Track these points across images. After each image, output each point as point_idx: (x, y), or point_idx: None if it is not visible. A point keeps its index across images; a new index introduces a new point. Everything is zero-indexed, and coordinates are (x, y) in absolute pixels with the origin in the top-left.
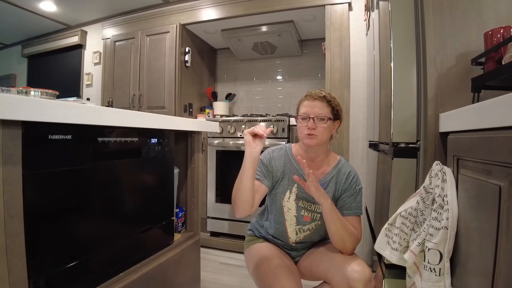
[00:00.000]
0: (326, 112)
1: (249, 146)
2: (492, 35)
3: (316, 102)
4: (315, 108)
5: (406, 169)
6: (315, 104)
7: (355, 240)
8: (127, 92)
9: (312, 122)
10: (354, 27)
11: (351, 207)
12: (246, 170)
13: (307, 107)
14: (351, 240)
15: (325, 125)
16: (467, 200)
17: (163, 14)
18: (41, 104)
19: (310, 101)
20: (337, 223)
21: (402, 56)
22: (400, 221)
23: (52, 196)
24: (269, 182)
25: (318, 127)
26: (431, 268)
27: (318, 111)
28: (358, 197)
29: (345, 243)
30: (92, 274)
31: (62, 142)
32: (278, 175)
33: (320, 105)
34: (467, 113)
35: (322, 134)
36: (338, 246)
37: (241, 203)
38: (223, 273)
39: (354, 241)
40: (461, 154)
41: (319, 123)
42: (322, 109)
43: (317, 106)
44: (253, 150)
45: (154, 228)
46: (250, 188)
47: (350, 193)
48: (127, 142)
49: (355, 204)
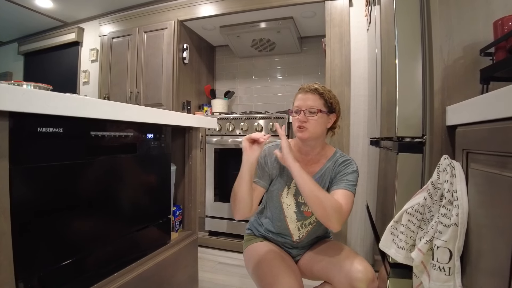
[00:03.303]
0: (318, 104)
1: (246, 152)
2: (502, 23)
3: (308, 95)
4: (307, 101)
5: (412, 165)
6: (307, 97)
7: (338, 208)
8: (124, 90)
9: (302, 115)
10: (354, 23)
11: (342, 183)
12: (244, 175)
13: (300, 100)
14: (332, 207)
15: (315, 118)
16: (477, 195)
17: (161, 10)
18: (30, 94)
19: (302, 94)
20: (310, 184)
21: (407, 47)
22: (406, 218)
23: (41, 192)
24: (265, 182)
25: (309, 120)
26: (440, 267)
27: (310, 103)
28: (349, 176)
29: (326, 209)
30: (85, 274)
31: (53, 136)
32: (274, 172)
33: (312, 97)
34: (478, 104)
35: (314, 127)
36: (319, 214)
37: (240, 207)
38: (221, 273)
39: (336, 210)
40: (471, 147)
41: (310, 116)
42: (314, 101)
43: (309, 98)
44: (250, 156)
45: (150, 227)
46: (248, 192)
47: (343, 172)
48: (121, 136)
49: (347, 180)
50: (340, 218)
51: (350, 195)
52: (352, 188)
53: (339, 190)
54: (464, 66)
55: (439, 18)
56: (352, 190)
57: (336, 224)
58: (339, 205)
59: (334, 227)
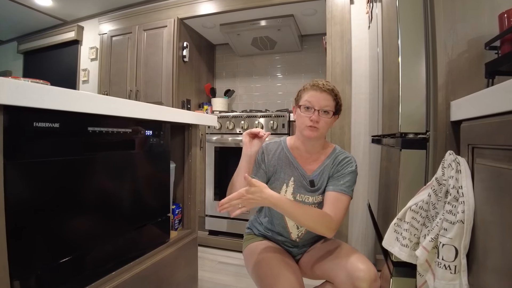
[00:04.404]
0: (332, 106)
1: (246, 146)
2: (508, 16)
3: (324, 94)
4: (322, 100)
5: (415, 161)
6: (322, 96)
7: (327, 223)
8: (124, 88)
9: (316, 115)
10: (355, 20)
11: (338, 184)
12: (241, 168)
13: (313, 97)
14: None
15: (328, 119)
16: (484, 191)
17: (161, 8)
18: (24, 87)
19: (317, 92)
20: (296, 212)
21: (410, 41)
22: (410, 215)
23: (37, 189)
24: (260, 179)
25: (321, 120)
26: (445, 265)
27: (325, 103)
28: (348, 177)
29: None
30: (82, 273)
31: (49, 131)
32: (271, 170)
33: (327, 97)
34: (484, 97)
35: (324, 127)
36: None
37: None
38: (221, 273)
39: (325, 226)
40: (477, 142)
41: (324, 116)
42: (329, 102)
43: (325, 98)
44: (249, 150)
45: (149, 225)
46: (244, 186)
47: (341, 173)
48: (119, 133)
49: (343, 182)
50: (331, 229)
51: (344, 199)
52: (349, 190)
53: (334, 193)
54: (469, 60)
55: (442, 11)
56: (348, 193)
57: (328, 235)
58: (328, 219)
59: (326, 236)
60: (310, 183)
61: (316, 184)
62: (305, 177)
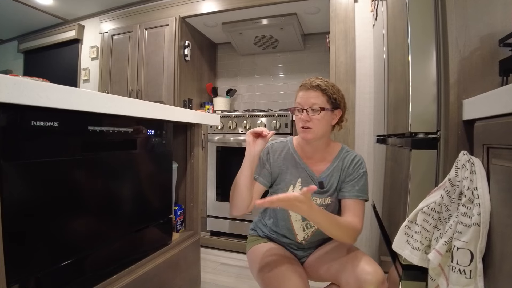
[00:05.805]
0: (321, 101)
1: (249, 146)
2: None
3: (310, 92)
4: (310, 98)
5: (425, 161)
6: (309, 94)
7: (353, 231)
8: (125, 87)
9: (305, 114)
10: (359, 19)
11: (353, 190)
12: (244, 168)
13: (301, 97)
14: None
15: (319, 117)
16: (500, 193)
17: (162, 6)
18: (21, 84)
19: (304, 91)
20: (325, 223)
21: (420, 39)
22: (422, 217)
23: (35, 190)
24: (264, 179)
25: (312, 119)
26: (460, 269)
27: (313, 101)
28: (361, 181)
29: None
30: (83, 276)
31: (48, 130)
32: (276, 170)
33: (314, 94)
34: (500, 96)
35: (318, 126)
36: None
37: (238, 201)
38: (224, 274)
39: (350, 235)
40: (493, 142)
41: (313, 114)
42: (317, 98)
43: (311, 96)
44: (253, 149)
45: (151, 227)
46: (248, 186)
47: (354, 176)
48: (121, 132)
49: (358, 187)
50: (354, 239)
51: (361, 205)
52: (364, 194)
53: (351, 200)
54: (482, 57)
55: (454, 7)
56: (365, 197)
57: (350, 243)
58: (355, 228)
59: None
60: (319, 185)
61: (326, 185)
62: (314, 178)
